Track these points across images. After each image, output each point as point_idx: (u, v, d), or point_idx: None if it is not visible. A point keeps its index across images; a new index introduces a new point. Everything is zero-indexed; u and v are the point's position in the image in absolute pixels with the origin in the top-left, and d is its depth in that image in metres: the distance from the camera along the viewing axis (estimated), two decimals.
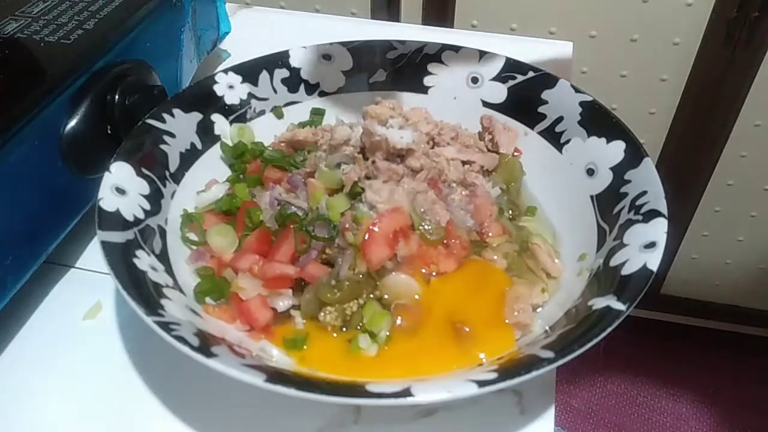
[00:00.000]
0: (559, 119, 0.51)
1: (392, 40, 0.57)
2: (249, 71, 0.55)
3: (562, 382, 1.36)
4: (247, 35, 0.71)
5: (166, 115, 0.49)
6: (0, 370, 0.42)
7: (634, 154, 0.45)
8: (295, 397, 0.32)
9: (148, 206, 0.44)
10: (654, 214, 0.40)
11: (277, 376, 0.33)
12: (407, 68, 0.56)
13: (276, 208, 0.46)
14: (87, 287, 0.47)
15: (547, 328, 0.39)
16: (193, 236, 0.46)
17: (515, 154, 0.52)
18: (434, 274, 0.42)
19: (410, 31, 0.78)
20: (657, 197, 0.41)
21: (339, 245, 0.42)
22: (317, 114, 0.56)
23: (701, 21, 0.96)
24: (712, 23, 0.95)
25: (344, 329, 0.41)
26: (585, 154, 0.48)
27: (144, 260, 0.40)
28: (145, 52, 0.52)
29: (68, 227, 0.46)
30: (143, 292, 0.37)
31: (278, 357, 0.39)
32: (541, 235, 0.46)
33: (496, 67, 0.54)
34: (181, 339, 0.34)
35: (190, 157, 0.50)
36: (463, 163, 0.50)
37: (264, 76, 0.55)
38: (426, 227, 0.43)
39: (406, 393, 0.32)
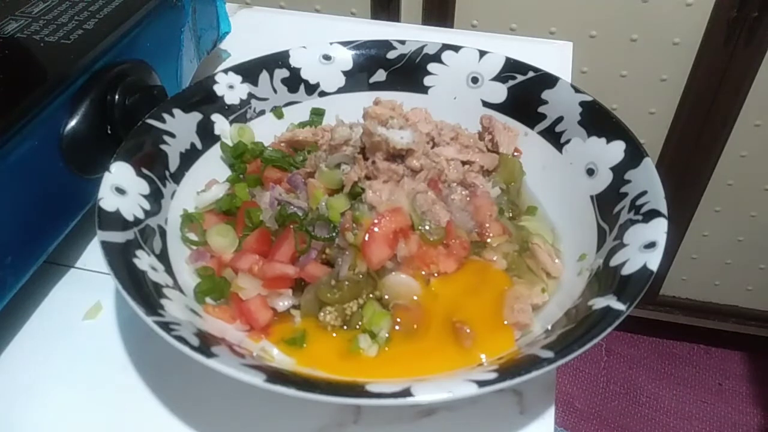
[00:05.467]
0: (559, 119, 0.51)
1: (392, 40, 0.57)
2: (249, 71, 0.55)
3: (564, 383, 1.36)
4: (247, 35, 0.71)
5: (166, 115, 0.49)
6: (0, 370, 0.42)
7: (634, 154, 0.45)
8: (295, 397, 0.32)
9: (148, 206, 0.44)
10: (654, 214, 0.40)
11: (277, 376, 0.33)
12: (407, 68, 0.56)
13: (276, 208, 0.46)
14: (87, 287, 0.47)
15: (547, 327, 0.39)
16: (193, 236, 0.46)
17: (515, 154, 0.52)
18: (434, 274, 0.42)
19: (410, 31, 0.78)
20: (657, 197, 0.41)
21: (339, 245, 0.42)
22: (317, 114, 0.56)
23: (701, 21, 0.96)
24: (712, 23, 0.95)
25: (345, 327, 0.41)
26: (585, 154, 0.48)
27: (144, 260, 0.40)
28: (145, 52, 0.52)
29: (68, 227, 0.46)
30: (143, 292, 0.37)
31: (278, 357, 0.39)
32: (541, 235, 0.46)
33: (496, 67, 0.54)
34: (181, 339, 0.34)
35: (190, 157, 0.50)
36: (463, 163, 0.50)
37: (264, 76, 0.55)
38: (426, 227, 0.43)
39: (406, 393, 0.32)
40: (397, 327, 0.40)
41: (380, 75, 0.57)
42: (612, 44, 1.00)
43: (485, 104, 0.55)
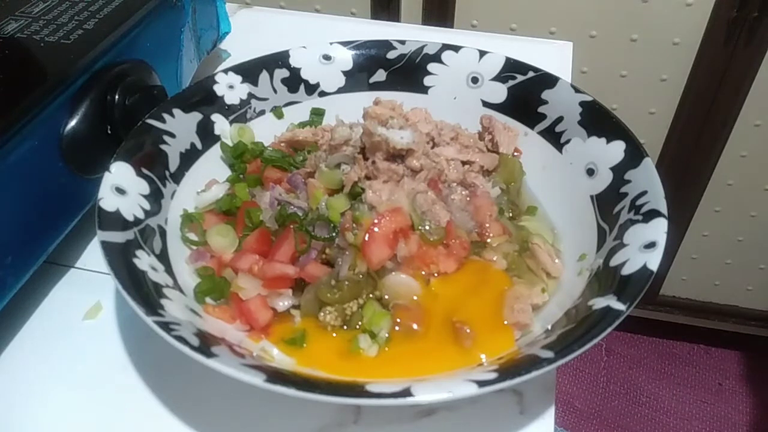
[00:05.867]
0: (559, 119, 0.51)
1: (392, 40, 0.57)
2: (249, 71, 0.55)
3: (564, 383, 1.36)
4: (247, 35, 0.71)
5: (166, 115, 0.49)
6: (0, 370, 0.42)
7: (634, 154, 0.45)
8: (295, 397, 0.32)
9: (148, 206, 0.44)
10: (654, 214, 0.40)
11: (277, 376, 0.33)
12: (407, 68, 0.56)
13: (276, 208, 0.46)
14: (87, 287, 0.47)
15: (547, 327, 0.39)
16: (193, 236, 0.46)
17: (515, 154, 0.52)
18: (434, 274, 0.42)
19: (410, 31, 0.78)
20: (657, 197, 0.41)
21: (339, 245, 0.42)
22: (317, 114, 0.56)
23: (701, 21, 0.96)
24: (712, 23, 0.95)
25: (345, 327, 0.41)
26: (585, 154, 0.48)
27: (144, 260, 0.40)
28: (145, 52, 0.52)
29: (68, 227, 0.46)
30: (143, 292, 0.37)
31: (278, 357, 0.39)
32: (541, 235, 0.46)
33: (496, 67, 0.54)
34: (181, 339, 0.34)
35: (190, 157, 0.50)
36: (463, 163, 0.50)
37: (264, 76, 0.55)
38: (426, 227, 0.43)
39: (406, 393, 0.32)
40: (397, 327, 0.40)
41: (380, 75, 0.57)
42: (612, 44, 1.00)
43: (485, 104, 0.55)
